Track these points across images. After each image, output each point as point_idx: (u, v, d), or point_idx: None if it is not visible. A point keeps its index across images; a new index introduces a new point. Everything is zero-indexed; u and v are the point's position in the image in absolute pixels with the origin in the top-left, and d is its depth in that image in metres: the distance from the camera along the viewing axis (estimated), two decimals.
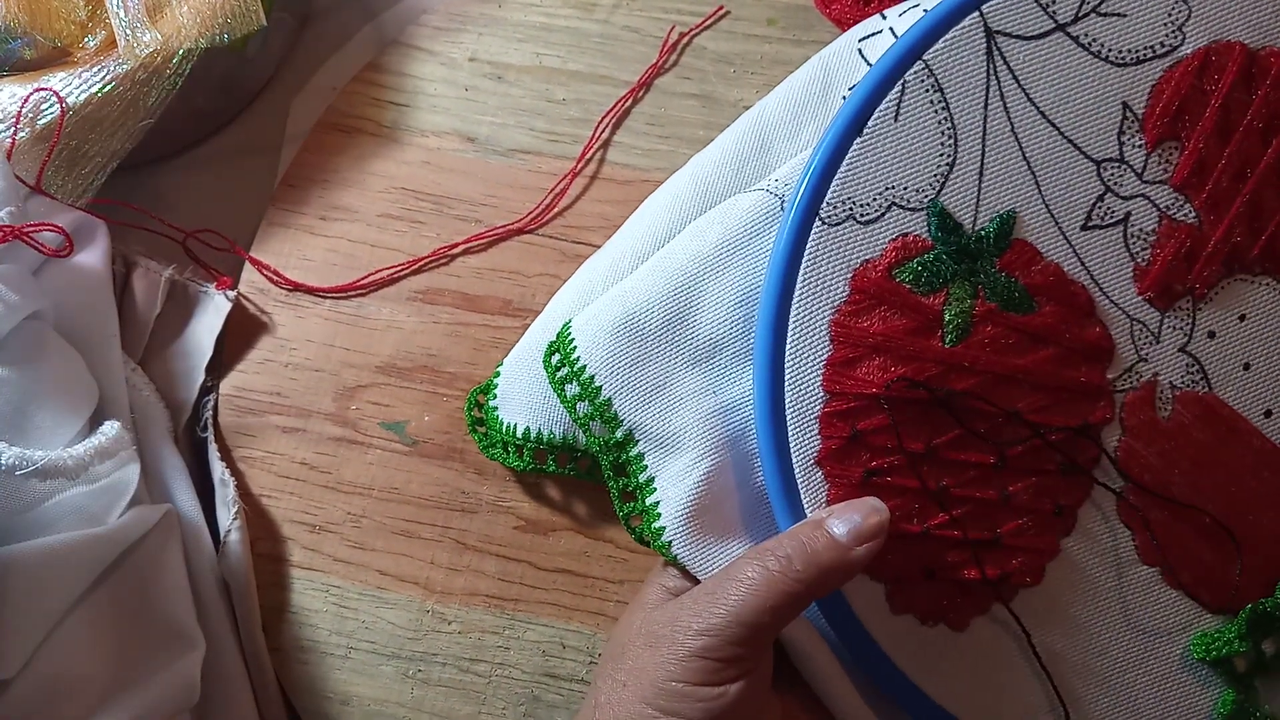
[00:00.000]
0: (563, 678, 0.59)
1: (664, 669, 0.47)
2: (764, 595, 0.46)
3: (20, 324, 0.55)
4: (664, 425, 0.54)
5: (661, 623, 0.49)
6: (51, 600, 0.51)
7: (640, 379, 0.55)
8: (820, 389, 0.51)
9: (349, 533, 0.62)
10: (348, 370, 0.64)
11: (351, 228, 0.67)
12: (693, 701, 0.46)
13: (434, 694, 0.59)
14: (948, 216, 0.51)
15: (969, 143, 0.51)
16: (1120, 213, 0.52)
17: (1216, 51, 0.51)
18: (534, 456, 0.58)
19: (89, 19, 0.62)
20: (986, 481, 0.51)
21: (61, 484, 0.52)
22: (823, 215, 0.51)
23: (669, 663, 0.47)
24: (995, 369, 0.50)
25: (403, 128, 0.69)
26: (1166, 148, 0.52)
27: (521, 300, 0.65)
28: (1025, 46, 0.51)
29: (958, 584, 0.51)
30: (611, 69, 0.69)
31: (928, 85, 0.51)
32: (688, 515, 0.53)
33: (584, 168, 0.67)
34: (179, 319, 0.64)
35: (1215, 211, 0.51)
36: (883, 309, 0.51)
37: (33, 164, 0.60)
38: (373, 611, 0.60)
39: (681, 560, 0.53)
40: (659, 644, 0.48)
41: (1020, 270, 0.51)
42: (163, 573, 0.56)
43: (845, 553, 0.47)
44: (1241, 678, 0.52)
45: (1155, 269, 0.52)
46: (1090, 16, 0.51)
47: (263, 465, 0.63)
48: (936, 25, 0.51)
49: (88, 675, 0.51)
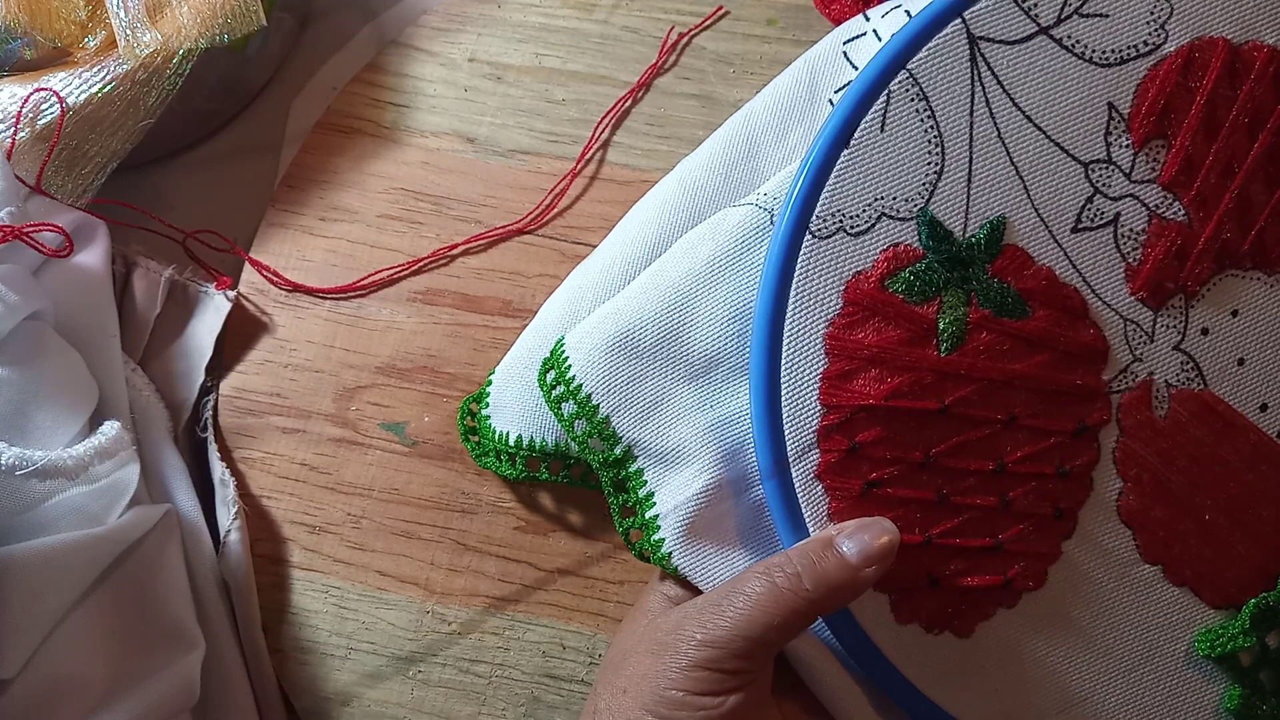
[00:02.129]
0: (563, 678, 0.59)
1: (665, 677, 0.47)
2: (770, 611, 0.46)
3: (20, 324, 0.55)
4: (662, 441, 0.54)
5: (665, 630, 0.49)
6: (51, 600, 0.51)
7: (637, 396, 0.55)
8: (817, 403, 0.51)
9: (349, 533, 0.62)
10: (347, 371, 0.64)
11: (351, 228, 0.67)
12: (692, 711, 0.46)
13: (434, 694, 0.59)
14: (938, 225, 0.51)
15: (956, 150, 0.51)
16: (1110, 214, 0.52)
17: (1200, 48, 0.51)
18: (527, 464, 0.59)
19: (89, 19, 0.62)
20: (986, 488, 0.51)
21: (61, 484, 0.52)
22: (813, 229, 0.51)
23: (670, 671, 0.47)
24: (991, 375, 0.50)
25: (402, 128, 0.69)
26: (1153, 147, 0.51)
27: (521, 301, 0.65)
28: (1008, 51, 0.51)
29: (962, 591, 0.51)
30: (611, 69, 0.69)
31: (912, 94, 0.51)
32: (688, 528, 0.53)
33: (583, 168, 0.67)
34: (179, 319, 0.64)
35: (1204, 208, 0.51)
36: (876, 320, 0.51)
37: (33, 164, 0.60)
38: (373, 612, 0.60)
39: (683, 572, 0.53)
40: (661, 652, 0.48)
41: (1012, 276, 0.51)
42: (163, 573, 0.56)
43: (854, 573, 0.47)
44: (1247, 672, 0.52)
45: (1147, 268, 0.52)
46: (1072, 19, 0.51)
47: (262, 466, 0.63)
48: (919, 33, 0.51)
49: (88, 675, 0.51)
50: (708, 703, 0.46)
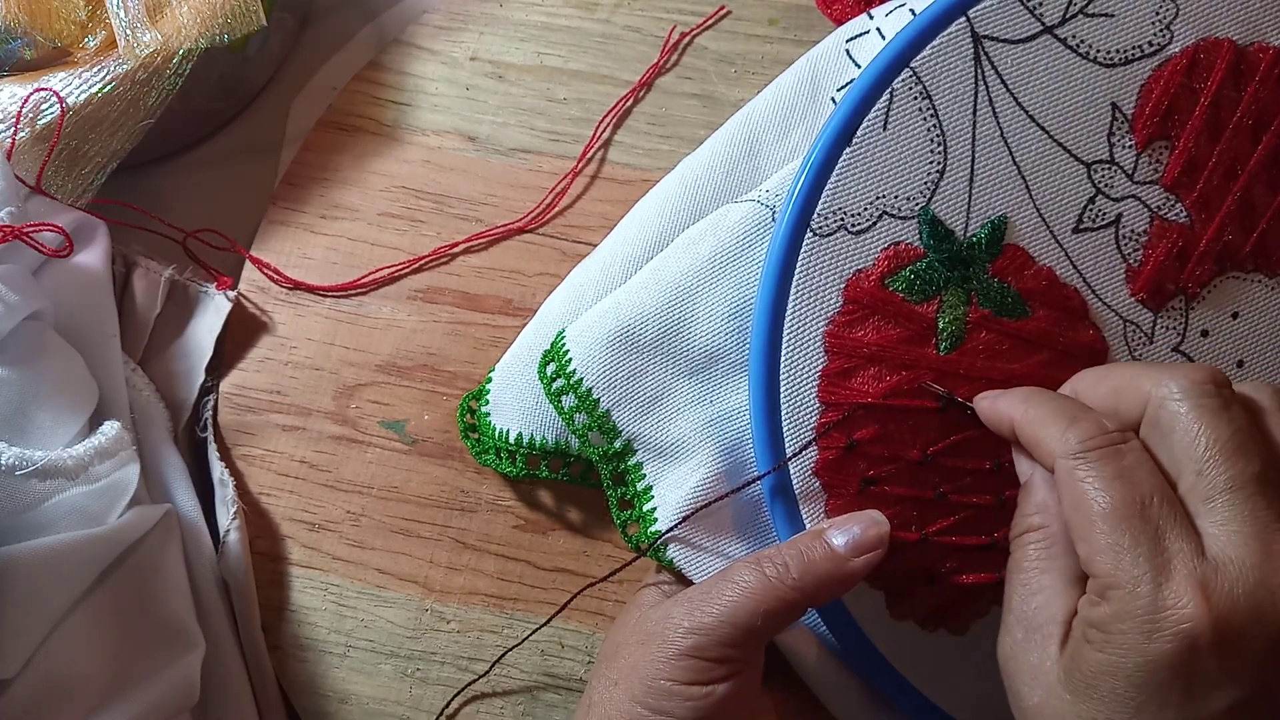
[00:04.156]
0: (561, 677, 0.59)
1: (654, 667, 0.47)
2: (758, 599, 0.47)
3: (20, 324, 0.55)
4: (662, 435, 0.55)
5: (654, 620, 0.49)
6: (51, 600, 0.51)
7: (638, 391, 0.55)
8: (815, 400, 0.51)
9: (348, 531, 0.62)
10: (347, 369, 0.64)
11: (352, 226, 0.67)
12: (681, 700, 0.46)
13: (432, 692, 0.59)
14: (939, 224, 0.51)
15: (958, 149, 0.51)
16: (1111, 214, 0.52)
17: (1205, 49, 0.51)
18: (527, 462, 0.59)
19: (89, 19, 0.62)
20: (983, 486, 0.51)
21: (61, 484, 0.52)
22: (814, 226, 0.51)
23: (659, 661, 0.47)
24: (990, 375, 0.50)
25: (404, 126, 0.69)
26: (1156, 148, 0.51)
27: (522, 300, 0.65)
28: (1013, 50, 0.51)
29: (957, 589, 0.51)
30: (613, 68, 0.69)
31: (915, 93, 0.51)
32: (684, 521, 0.53)
33: (585, 167, 0.67)
34: (179, 319, 0.64)
35: (1206, 210, 0.51)
36: (876, 319, 0.51)
37: (33, 164, 0.60)
38: (371, 610, 0.61)
39: (678, 565, 0.54)
40: (650, 641, 0.48)
41: (1013, 276, 0.51)
42: (163, 573, 0.57)
43: (843, 564, 0.47)
44: None
45: (1147, 270, 0.51)
46: (1077, 18, 0.51)
47: (262, 463, 0.63)
48: (923, 31, 0.51)
49: (88, 675, 0.51)
50: (695, 692, 0.46)
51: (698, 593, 0.49)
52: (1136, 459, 0.40)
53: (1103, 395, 0.44)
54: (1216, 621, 0.36)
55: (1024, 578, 0.43)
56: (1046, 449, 0.42)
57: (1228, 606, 0.36)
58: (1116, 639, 0.37)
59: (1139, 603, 0.37)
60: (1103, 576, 0.38)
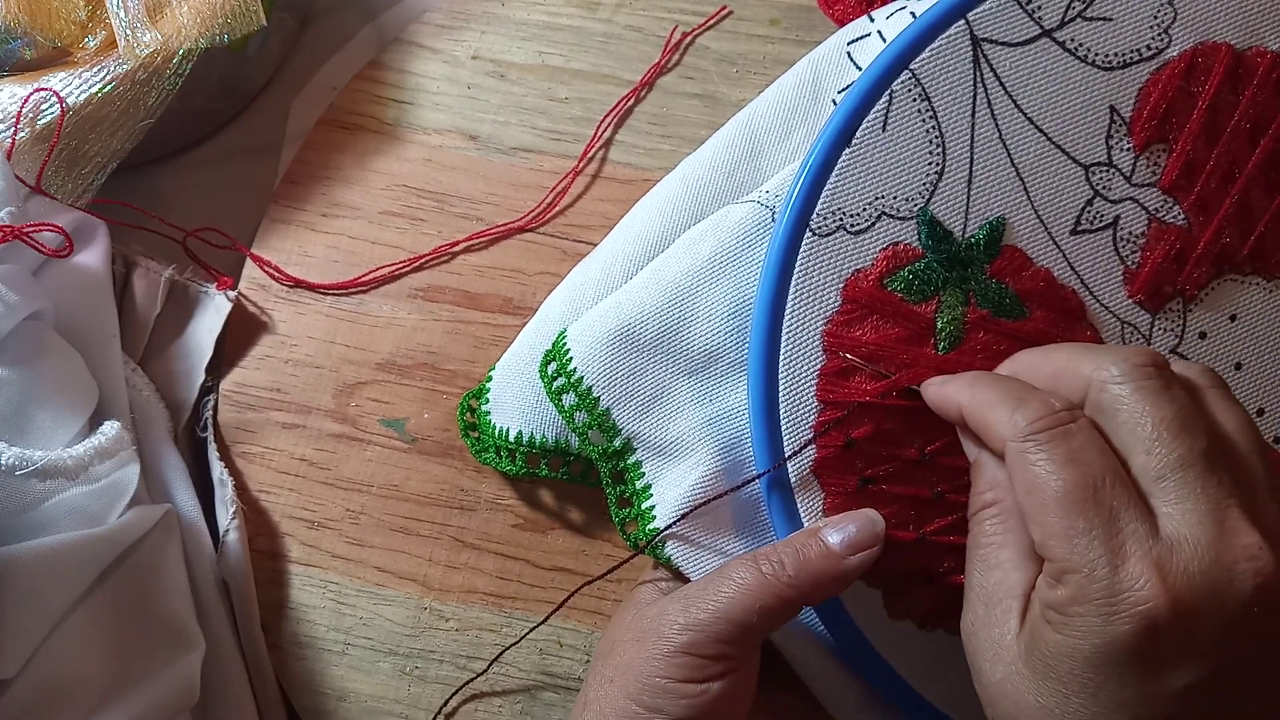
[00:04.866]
0: (559, 675, 0.60)
1: (649, 664, 0.47)
2: (754, 596, 0.47)
3: (20, 324, 0.55)
4: (661, 433, 0.55)
5: (650, 617, 0.49)
6: (51, 600, 0.51)
7: (638, 390, 0.55)
8: (814, 399, 0.51)
9: (348, 529, 0.62)
10: (348, 367, 0.64)
11: (353, 225, 0.67)
12: (676, 698, 0.46)
13: (431, 691, 0.60)
14: (937, 225, 0.51)
15: (957, 150, 0.51)
16: (1109, 216, 0.51)
17: (1203, 53, 0.51)
18: (526, 461, 0.59)
19: (89, 19, 0.62)
20: None
21: (61, 484, 0.52)
22: (813, 226, 0.51)
23: (654, 658, 0.47)
24: None
25: (405, 125, 0.69)
26: (1154, 150, 0.51)
27: (522, 299, 0.65)
28: (1011, 53, 0.51)
29: (955, 588, 0.51)
30: (614, 68, 0.69)
31: (915, 94, 0.51)
32: (683, 519, 0.53)
33: (586, 166, 0.67)
34: (179, 319, 0.65)
35: (1204, 213, 0.51)
36: (875, 318, 0.51)
37: (33, 164, 0.60)
38: (371, 608, 0.61)
39: (675, 563, 0.54)
40: (646, 638, 0.48)
41: (1011, 276, 0.51)
42: (163, 573, 0.57)
43: (838, 562, 0.47)
44: None
45: (1145, 272, 0.51)
46: (1076, 21, 0.51)
47: (262, 461, 0.63)
48: (923, 34, 0.51)
49: (88, 675, 0.51)
50: (690, 690, 0.46)
51: (694, 590, 0.49)
52: (1086, 439, 0.40)
53: (1043, 380, 0.44)
54: (1174, 602, 0.36)
55: (982, 553, 0.43)
56: (996, 434, 0.42)
57: (1184, 586, 0.36)
58: (1075, 621, 0.37)
59: (1096, 586, 0.37)
60: (1059, 561, 0.38)
